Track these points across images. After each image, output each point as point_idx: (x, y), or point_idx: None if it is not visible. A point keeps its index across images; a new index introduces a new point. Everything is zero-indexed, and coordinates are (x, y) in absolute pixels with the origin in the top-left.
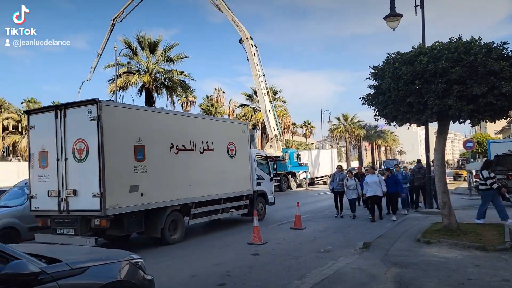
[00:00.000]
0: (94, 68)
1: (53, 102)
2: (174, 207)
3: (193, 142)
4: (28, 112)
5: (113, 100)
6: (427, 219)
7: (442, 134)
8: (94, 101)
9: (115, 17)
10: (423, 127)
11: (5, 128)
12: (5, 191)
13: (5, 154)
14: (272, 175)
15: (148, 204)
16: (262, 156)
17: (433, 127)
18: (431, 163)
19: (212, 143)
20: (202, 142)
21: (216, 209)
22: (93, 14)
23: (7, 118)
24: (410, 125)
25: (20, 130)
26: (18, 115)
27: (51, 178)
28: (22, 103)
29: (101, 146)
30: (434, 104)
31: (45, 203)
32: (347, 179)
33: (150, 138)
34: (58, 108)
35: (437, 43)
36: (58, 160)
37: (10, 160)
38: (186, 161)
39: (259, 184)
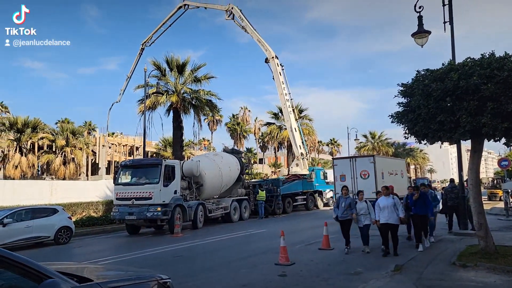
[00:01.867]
0: (124, 90)
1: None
2: None
3: (393, 170)
4: (334, 158)
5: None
6: (462, 241)
7: (476, 152)
8: (373, 156)
9: (144, 42)
10: (455, 144)
11: (40, 148)
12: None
13: (39, 172)
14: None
15: None
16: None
17: (466, 144)
18: (464, 182)
19: (396, 170)
20: (394, 170)
21: None
22: (124, 37)
23: (42, 138)
24: (442, 143)
25: (54, 149)
26: (53, 135)
27: (347, 185)
28: (56, 123)
29: (375, 173)
30: (467, 122)
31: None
32: (356, 202)
33: (384, 169)
34: (351, 157)
35: (468, 59)
36: (351, 178)
37: (44, 179)
38: (391, 179)
39: None
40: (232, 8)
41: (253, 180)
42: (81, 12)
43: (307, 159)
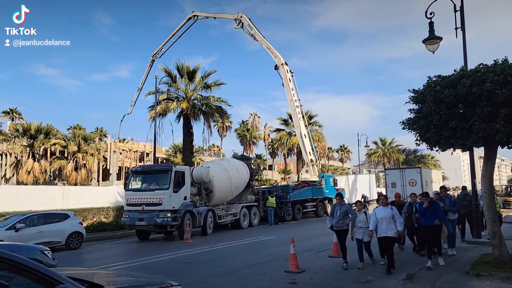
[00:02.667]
0: (135, 102)
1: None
2: None
3: (432, 179)
4: (386, 169)
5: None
6: (475, 249)
7: (490, 159)
8: (419, 167)
9: (155, 54)
10: (467, 151)
11: (52, 153)
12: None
13: (51, 178)
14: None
15: None
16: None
17: (478, 151)
18: (477, 189)
19: (435, 179)
20: (434, 179)
21: None
22: (136, 44)
23: (54, 144)
24: (454, 150)
25: (66, 155)
26: (65, 141)
27: (399, 191)
28: (68, 129)
29: (421, 181)
30: (480, 129)
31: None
32: (355, 213)
33: (427, 178)
34: (401, 168)
35: (481, 65)
36: (401, 185)
37: (56, 184)
38: (431, 186)
39: None
40: (241, 16)
41: (262, 186)
42: (92, 19)
43: (317, 166)
